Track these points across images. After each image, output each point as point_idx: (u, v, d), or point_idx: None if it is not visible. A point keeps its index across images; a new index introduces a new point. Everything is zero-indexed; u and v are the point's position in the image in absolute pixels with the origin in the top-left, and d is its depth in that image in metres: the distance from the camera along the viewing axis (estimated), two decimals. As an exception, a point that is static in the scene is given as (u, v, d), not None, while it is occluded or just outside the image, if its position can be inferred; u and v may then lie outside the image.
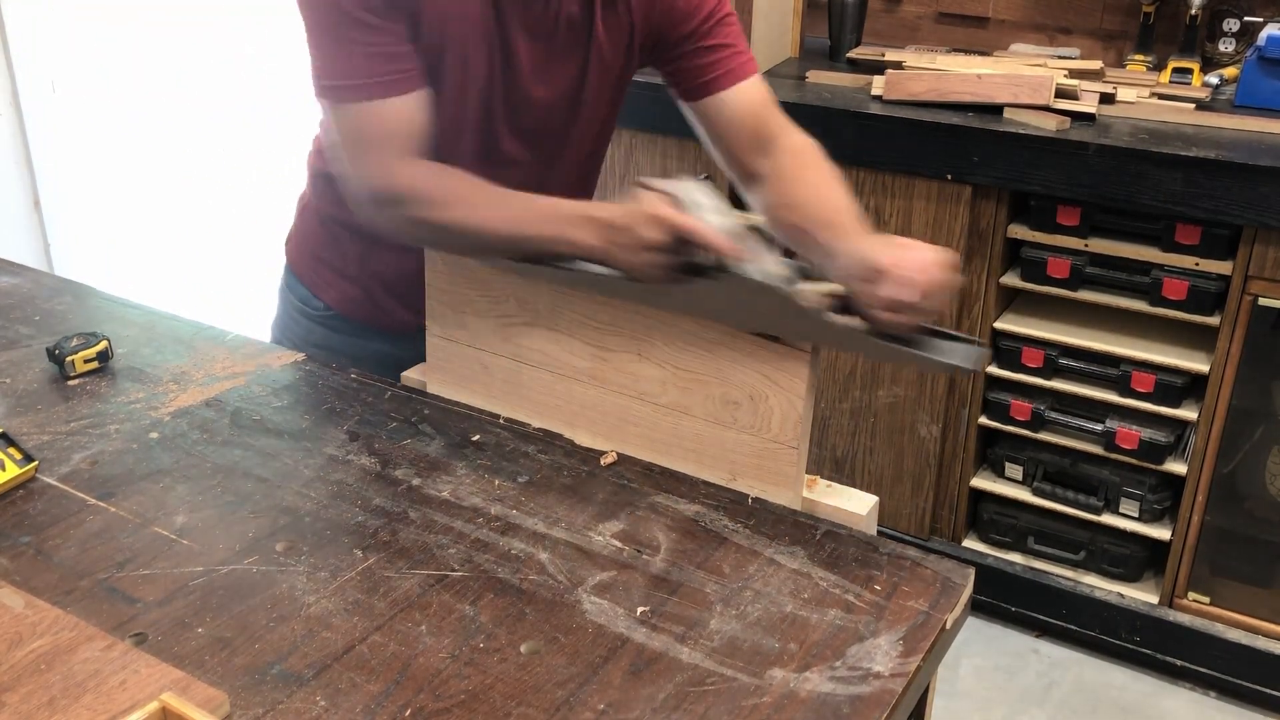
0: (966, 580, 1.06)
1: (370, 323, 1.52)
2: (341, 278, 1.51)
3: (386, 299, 1.50)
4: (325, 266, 1.52)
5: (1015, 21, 2.68)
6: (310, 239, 1.54)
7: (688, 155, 2.51)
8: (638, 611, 1.01)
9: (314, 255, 1.53)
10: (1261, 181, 1.95)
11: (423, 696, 0.91)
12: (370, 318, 1.52)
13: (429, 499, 1.17)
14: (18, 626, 0.95)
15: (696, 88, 1.38)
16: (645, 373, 1.23)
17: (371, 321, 1.52)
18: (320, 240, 1.52)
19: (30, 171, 3.48)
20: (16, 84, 3.36)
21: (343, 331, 1.53)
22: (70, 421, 1.31)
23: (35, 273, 1.74)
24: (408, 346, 1.47)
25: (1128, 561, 2.36)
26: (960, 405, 2.40)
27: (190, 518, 1.14)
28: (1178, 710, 2.29)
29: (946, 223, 2.27)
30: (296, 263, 1.56)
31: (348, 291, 1.51)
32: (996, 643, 2.48)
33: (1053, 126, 2.14)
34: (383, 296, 1.50)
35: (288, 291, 1.58)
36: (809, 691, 0.92)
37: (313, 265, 1.54)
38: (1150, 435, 2.22)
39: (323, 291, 1.53)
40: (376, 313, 1.51)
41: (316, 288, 1.53)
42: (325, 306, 1.53)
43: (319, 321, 1.54)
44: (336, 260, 1.51)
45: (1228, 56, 2.45)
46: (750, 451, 1.18)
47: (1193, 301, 2.12)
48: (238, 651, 0.96)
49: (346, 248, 1.49)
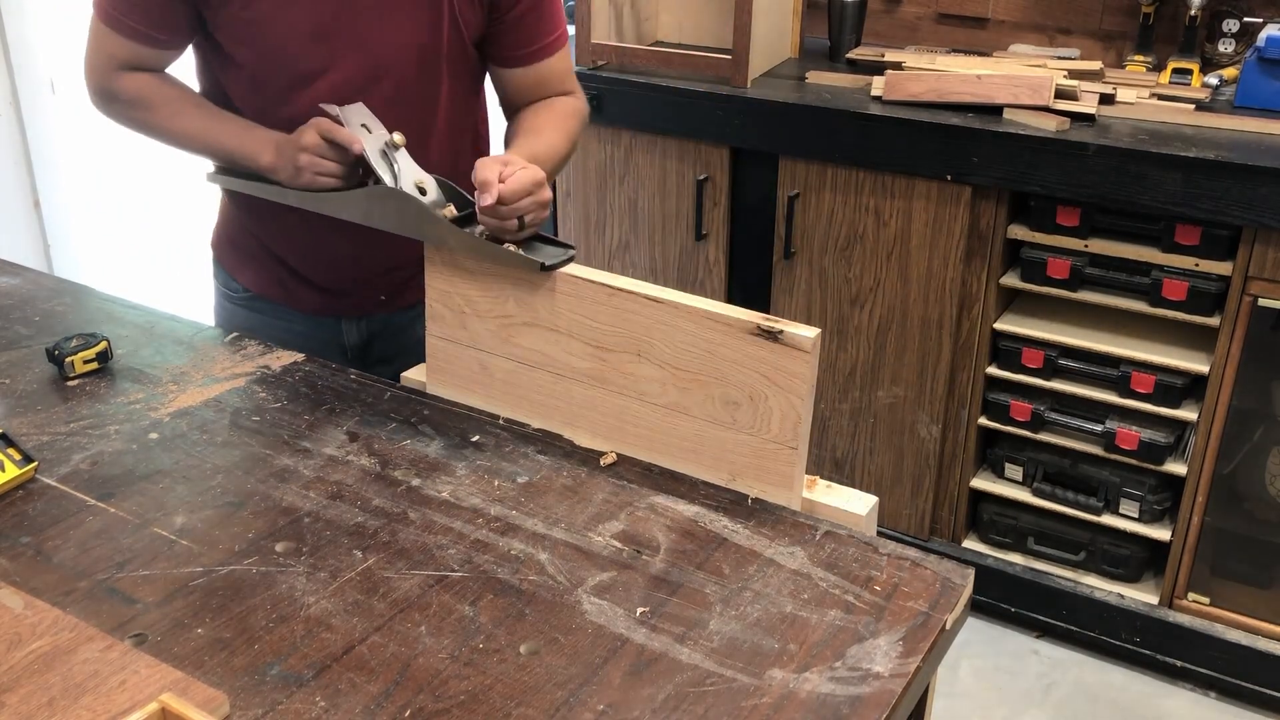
0: (966, 581, 1.06)
1: (285, 302, 1.61)
2: (253, 257, 1.60)
3: (293, 280, 1.59)
4: (239, 249, 1.62)
5: (1015, 22, 2.68)
6: (227, 222, 1.64)
7: (688, 155, 2.51)
8: (637, 612, 1.01)
9: (230, 239, 1.64)
10: (1261, 182, 1.95)
11: (423, 697, 0.91)
12: (282, 298, 1.61)
13: (429, 499, 1.17)
14: (17, 627, 0.95)
15: (508, 58, 1.53)
16: (644, 373, 1.23)
17: (286, 300, 1.61)
18: (234, 222, 1.62)
19: (30, 171, 3.48)
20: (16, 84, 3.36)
21: (263, 313, 1.62)
22: (70, 422, 1.31)
23: (34, 273, 1.74)
24: (325, 328, 1.60)
25: (1128, 562, 2.36)
26: (960, 406, 2.40)
27: (190, 518, 1.14)
28: (1178, 710, 2.29)
29: (946, 223, 2.27)
30: (218, 248, 1.66)
31: (261, 270, 1.60)
32: (996, 643, 2.48)
33: (1052, 127, 2.14)
34: (288, 278, 1.59)
35: (215, 281, 1.68)
36: (809, 692, 0.92)
37: (229, 249, 1.64)
38: (1150, 436, 2.22)
39: (239, 273, 1.63)
40: (286, 294, 1.60)
41: (234, 269, 1.63)
42: (243, 289, 1.63)
43: (240, 304, 1.64)
44: (248, 240, 1.60)
45: (1227, 57, 2.45)
46: (750, 452, 1.18)
47: (1193, 302, 2.12)
48: (237, 652, 0.96)
49: (258, 223, 1.57)
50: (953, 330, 2.34)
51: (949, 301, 2.32)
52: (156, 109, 1.45)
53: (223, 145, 1.43)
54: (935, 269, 2.31)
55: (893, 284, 2.37)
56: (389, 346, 1.65)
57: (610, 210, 2.67)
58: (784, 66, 2.65)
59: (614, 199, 2.65)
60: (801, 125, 2.34)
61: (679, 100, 2.45)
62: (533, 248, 1.30)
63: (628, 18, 2.67)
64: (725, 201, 2.51)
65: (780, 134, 2.36)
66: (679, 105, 2.46)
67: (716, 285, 2.60)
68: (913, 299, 2.36)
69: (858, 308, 2.43)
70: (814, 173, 2.37)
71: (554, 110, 1.54)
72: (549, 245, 1.31)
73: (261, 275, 1.61)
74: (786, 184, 2.41)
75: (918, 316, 2.37)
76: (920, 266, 2.32)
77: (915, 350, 2.40)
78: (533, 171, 1.30)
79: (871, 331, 2.43)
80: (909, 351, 2.41)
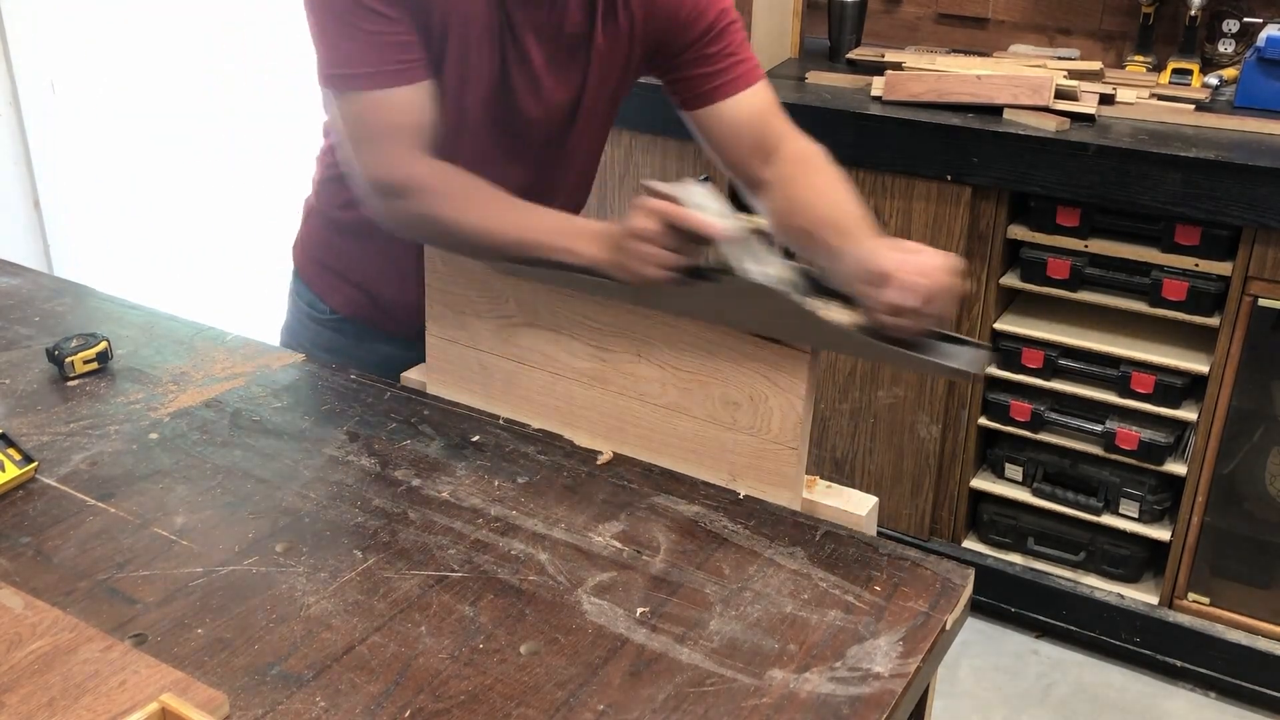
0: (966, 581, 1.06)
1: (375, 326, 1.52)
2: (345, 282, 1.51)
3: (389, 303, 1.50)
4: (329, 271, 1.53)
5: (1015, 22, 2.68)
6: (315, 243, 1.54)
7: (687, 156, 2.50)
8: (637, 612, 1.01)
9: (318, 260, 1.54)
10: (1261, 182, 1.95)
11: (423, 697, 0.91)
12: (373, 321, 1.52)
13: (429, 500, 1.17)
14: (17, 627, 0.95)
15: (695, 97, 1.36)
16: (645, 373, 1.23)
17: (376, 324, 1.52)
18: (324, 245, 1.52)
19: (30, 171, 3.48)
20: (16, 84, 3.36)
21: (349, 335, 1.53)
22: (70, 422, 1.31)
23: (35, 273, 1.74)
24: (413, 349, 1.47)
25: (1128, 562, 2.36)
26: (960, 406, 2.40)
27: (190, 518, 1.14)
28: (1178, 711, 2.29)
29: (946, 223, 2.27)
30: (304, 267, 1.56)
31: (351, 295, 1.51)
32: (996, 643, 2.48)
33: (1052, 127, 2.14)
34: (385, 300, 1.50)
35: (296, 296, 1.58)
36: (809, 692, 0.92)
37: (318, 270, 1.54)
38: (1150, 436, 2.22)
39: (328, 296, 1.53)
40: (379, 316, 1.51)
41: (322, 292, 1.54)
42: (331, 310, 1.53)
43: (326, 325, 1.54)
44: (340, 265, 1.51)
45: (1227, 57, 2.45)
46: (750, 452, 1.18)
47: (1192, 302, 2.12)
48: (237, 652, 0.96)
49: (350, 251, 1.49)
50: (953, 330, 2.34)
51: (953, 306, 2.32)
52: (450, 198, 1.22)
53: (536, 240, 1.21)
54: (935, 269, 2.30)
55: (893, 284, 2.37)
56: None
57: (610, 210, 2.67)
58: (784, 66, 2.65)
59: (614, 199, 2.65)
60: (801, 125, 2.32)
61: (679, 100, 2.45)
62: (935, 348, 1.13)
63: (628, 18, 2.67)
64: (725, 202, 2.51)
65: (780, 134, 2.36)
66: (679, 105, 2.45)
67: (716, 285, 2.59)
68: (913, 299, 2.35)
69: (858, 308, 2.42)
70: (814, 173, 2.37)
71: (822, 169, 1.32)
72: (944, 341, 1.14)
73: (354, 298, 1.51)
74: (786, 184, 2.41)
75: (918, 317, 2.36)
76: (920, 267, 2.32)
77: (915, 350, 2.40)
78: (945, 258, 1.11)
79: (871, 332, 2.43)
80: (909, 352, 2.40)
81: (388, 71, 1.20)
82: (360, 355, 1.51)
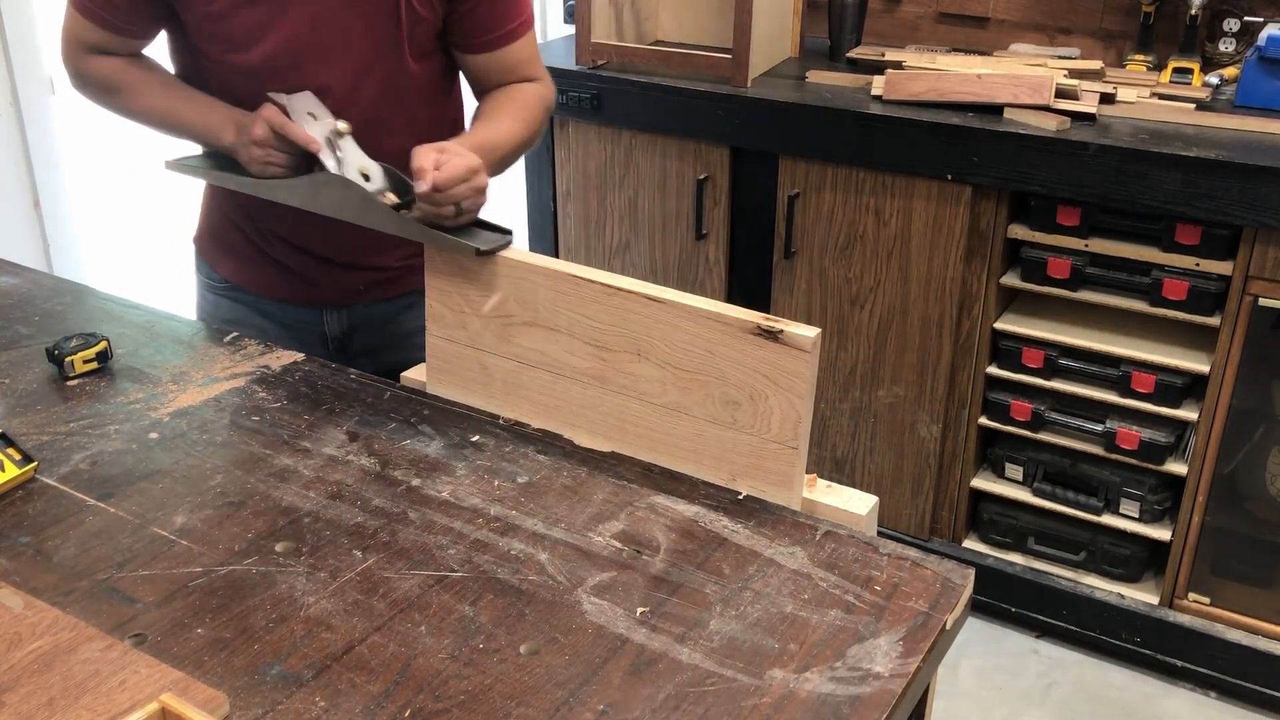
0: (966, 580, 1.06)
1: (264, 293, 1.63)
2: (233, 249, 1.63)
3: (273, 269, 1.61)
4: (219, 240, 1.64)
5: (1015, 21, 2.68)
6: (209, 215, 1.67)
7: (688, 155, 2.51)
8: (637, 612, 1.01)
9: (211, 231, 1.66)
10: (1261, 181, 1.95)
11: (423, 697, 0.91)
12: (262, 288, 1.63)
13: (429, 499, 1.17)
14: (17, 627, 0.95)
15: (475, 44, 1.53)
16: (645, 373, 1.23)
17: (265, 292, 1.63)
18: (215, 214, 1.64)
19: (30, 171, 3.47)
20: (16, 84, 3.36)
21: (243, 303, 1.64)
22: (70, 422, 1.31)
23: (34, 273, 1.74)
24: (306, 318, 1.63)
25: (1128, 562, 2.35)
26: (960, 405, 2.40)
27: (190, 518, 1.14)
28: (1178, 710, 2.29)
29: (946, 223, 2.27)
30: (199, 240, 1.70)
31: (239, 263, 1.63)
32: (996, 643, 2.47)
33: (1053, 126, 2.14)
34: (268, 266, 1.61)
35: (196, 273, 1.71)
36: (809, 692, 0.92)
37: (209, 241, 1.67)
38: (1150, 435, 2.22)
39: (219, 264, 1.65)
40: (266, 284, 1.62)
41: (214, 261, 1.66)
42: (223, 279, 1.65)
43: (223, 294, 1.66)
44: (229, 233, 1.62)
45: (1228, 56, 2.45)
46: (750, 451, 1.18)
47: (1193, 302, 2.12)
48: (237, 652, 0.96)
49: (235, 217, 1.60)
50: (953, 330, 2.34)
51: (949, 301, 2.32)
52: (123, 91, 1.49)
53: (186, 122, 1.46)
54: (935, 269, 2.31)
55: (893, 284, 2.37)
56: (372, 338, 1.66)
57: (610, 210, 2.67)
58: (784, 66, 2.65)
59: (614, 199, 2.65)
60: (802, 125, 2.33)
61: (679, 100, 2.45)
62: (471, 233, 1.33)
63: (628, 17, 2.67)
64: (725, 201, 2.51)
65: (780, 134, 2.36)
66: (679, 105, 2.45)
67: (716, 285, 2.59)
68: (913, 299, 2.36)
69: (858, 307, 2.43)
70: (814, 172, 2.37)
71: (513, 97, 1.55)
72: (486, 230, 1.34)
73: (241, 266, 1.63)
74: (787, 184, 2.41)
75: (918, 316, 2.37)
76: (920, 266, 2.32)
77: (915, 350, 2.40)
78: (468, 159, 1.31)
79: (871, 331, 2.43)
80: (909, 351, 2.40)
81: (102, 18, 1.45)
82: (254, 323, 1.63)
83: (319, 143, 1.36)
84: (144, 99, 1.49)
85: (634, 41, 2.68)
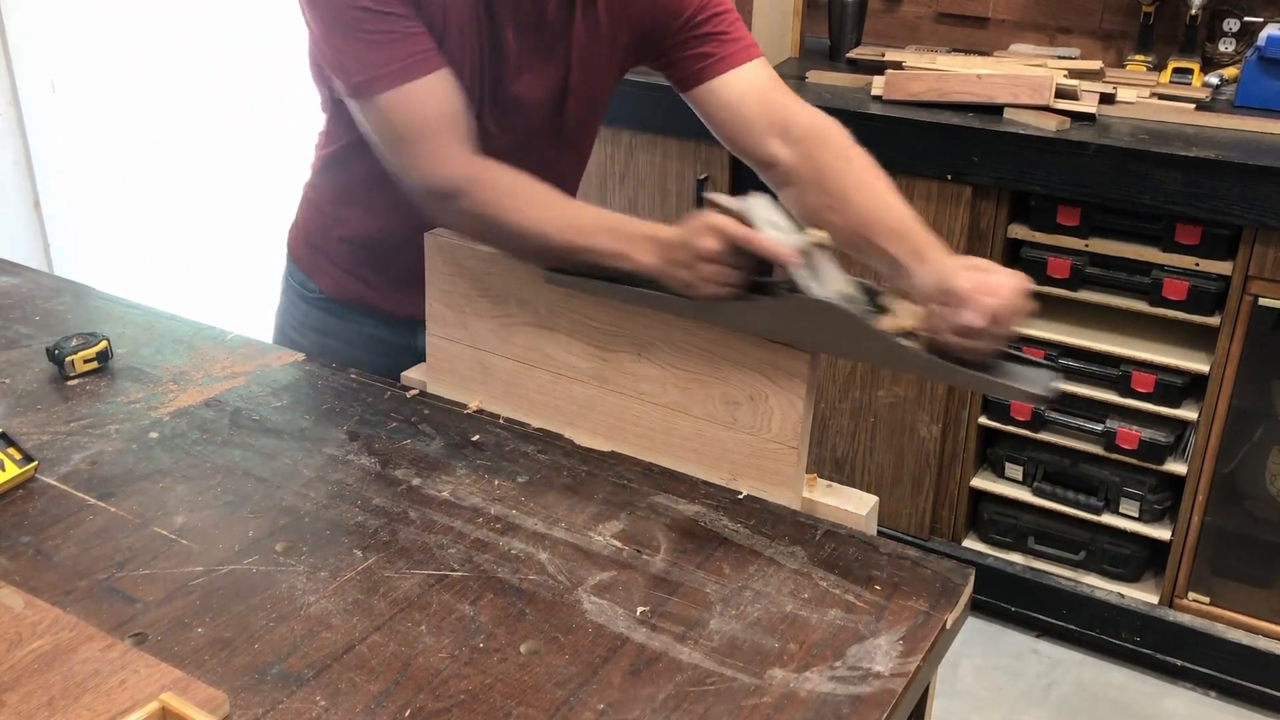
0: (966, 580, 1.06)
1: (363, 308, 1.53)
2: (333, 264, 1.53)
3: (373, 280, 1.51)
4: (319, 253, 1.54)
5: (1015, 21, 2.68)
6: (308, 226, 1.56)
7: (687, 155, 2.51)
8: (638, 611, 1.01)
9: (309, 242, 1.55)
10: (1261, 181, 1.95)
11: (423, 696, 0.91)
12: (359, 300, 1.53)
13: (429, 499, 1.17)
14: (17, 626, 0.95)
15: (688, 76, 1.36)
16: (645, 373, 1.23)
17: (364, 307, 1.53)
18: (314, 227, 1.54)
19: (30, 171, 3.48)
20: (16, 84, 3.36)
21: (337, 315, 1.54)
22: (70, 421, 1.31)
23: (35, 273, 1.74)
24: (401, 333, 1.50)
25: (1128, 561, 2.35)
26: (960, 405, 2.40)
27: (190, 518, 1.14)
28: (1178, 710, 2.29)
29: (946, 223, 2.27)
30: (294, 248, 1.58)
31: (339, 278, 1.53)
32: (996, 643, 2.47)
33: (1053, 126, 2.14)
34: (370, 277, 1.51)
35: (288, 278, 1.60)
36: (809, 691, 0.92)
37: (308, 252, 1.55)
38: (1150, 435, 2.22)
39: (316, 277, 1.55)
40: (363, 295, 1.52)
41: (311, 273, 1.55)
42: (319, 291, 1.55)
43: (315, 305, 1.56)
44: (329, 246, 1.52)
45: (1228, 56, 2.45)
46: (750, 451, 1.18)
47: (1193, 301, 2.12)
48: (237, 651, 0.96)
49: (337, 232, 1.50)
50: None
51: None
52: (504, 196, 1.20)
53: (589, 243, 1.17)
54: (935, 268, 2.30)
55: (893, 284, 2.37)
56: None
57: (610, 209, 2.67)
58: (784, 66, 2.65)
59: (614, 199, 2.65)
60: (802, 125, 2.33)
61: (679, 100, 2.44)
62: (1006, 369, 1.09)
63: (628, 17, 2.67)
64: (725, 201, 2.51)
65: (780, 133, 2.36)
66: (679, 105, 2.44)
67: (717, 285, 2.59)
68: (913, 299, 2.36)
69: (858, 307, 2.42)
70: (814, 172, 2.37)
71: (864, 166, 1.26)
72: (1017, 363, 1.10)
73: (341, 280, 1.52)
74: (787, 184, 2.41)
75: (918, 316, 2.37)
76: (920, 266, 2.32)
77: (915, 350, 2.40)
78: (1016, 278, 1.07)
79: (872, 331, 2.43)
80: (909, 351, 2.40)
81: (403, 67, 1.19)
82: (349, 335, 1.53)
83: (799, 259, 1.09)
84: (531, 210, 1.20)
85: (634, 41, 2.68)
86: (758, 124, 1.33)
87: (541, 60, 1.33)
